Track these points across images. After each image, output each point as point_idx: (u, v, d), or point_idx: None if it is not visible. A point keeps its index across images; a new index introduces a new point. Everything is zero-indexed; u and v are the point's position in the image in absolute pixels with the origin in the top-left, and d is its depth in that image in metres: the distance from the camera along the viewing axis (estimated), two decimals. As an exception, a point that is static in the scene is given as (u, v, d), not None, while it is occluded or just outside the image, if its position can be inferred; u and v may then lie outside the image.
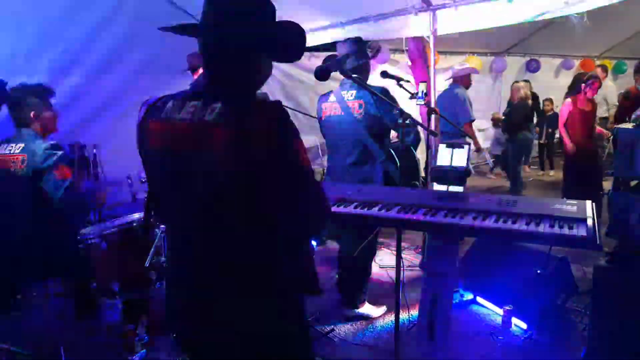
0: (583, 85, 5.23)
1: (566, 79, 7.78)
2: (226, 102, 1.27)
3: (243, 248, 1.30)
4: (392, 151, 3.14)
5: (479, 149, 5.92)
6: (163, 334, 2.75)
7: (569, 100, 5.38)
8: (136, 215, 3.10)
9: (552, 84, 9.10)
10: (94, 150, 4.06)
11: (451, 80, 5.33)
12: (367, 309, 3.49)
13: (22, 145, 2.71)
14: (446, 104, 5.11)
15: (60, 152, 2.73)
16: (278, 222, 1.31)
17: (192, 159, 1.28)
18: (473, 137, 5.60)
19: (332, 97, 3.27)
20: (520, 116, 6.52)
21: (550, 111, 8.31)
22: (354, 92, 3.14)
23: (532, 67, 9.25)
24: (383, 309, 3.52)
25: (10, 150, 2.72)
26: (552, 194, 6.91)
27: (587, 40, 7.88)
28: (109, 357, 2.77)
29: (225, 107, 1.25)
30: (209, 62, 1.37)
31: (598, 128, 6.00)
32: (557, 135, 7.65)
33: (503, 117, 6.93)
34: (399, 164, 3.11)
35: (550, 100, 8.43)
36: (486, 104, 8.52)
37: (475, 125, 5.45)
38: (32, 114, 2.77)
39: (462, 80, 5.27)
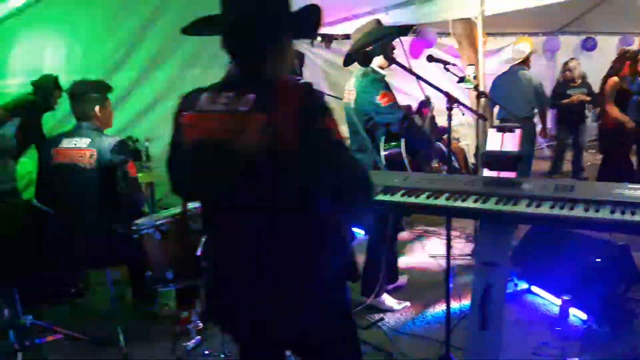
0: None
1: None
2: (259, 91, 1.31)
3: (287, 229, 1.35)
4: (380, 142, 3.12)
5: (545, 135, 5.69)
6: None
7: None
8: (190, 206, 3.19)
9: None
10: (146, 144, 4.19)
11: (512, 62, 5.12)
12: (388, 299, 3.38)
13: (89, 140, 2.78)
14: (509, 87, 4.91)
15: (128, 150, 2.83)
16: (319, 201, 1.35)
17: (229, 148, 1.32)
18: (544, 122, 5.41)
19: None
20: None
21: None
22: (353, 80, 3.21)
23: (589, 45, 8.76)
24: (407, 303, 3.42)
25: (76, 144, 2.79)
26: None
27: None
28: (166, 343, 2.87)
29: (258, 97, 1.30)
30: (238, 55, 1.41)
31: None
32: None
33: (589, 98, 6.14)
34: (383, 154, 3.08)
35: None
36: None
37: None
38: (96, 108, 2.85)
39: (526, 62, 5.06)
